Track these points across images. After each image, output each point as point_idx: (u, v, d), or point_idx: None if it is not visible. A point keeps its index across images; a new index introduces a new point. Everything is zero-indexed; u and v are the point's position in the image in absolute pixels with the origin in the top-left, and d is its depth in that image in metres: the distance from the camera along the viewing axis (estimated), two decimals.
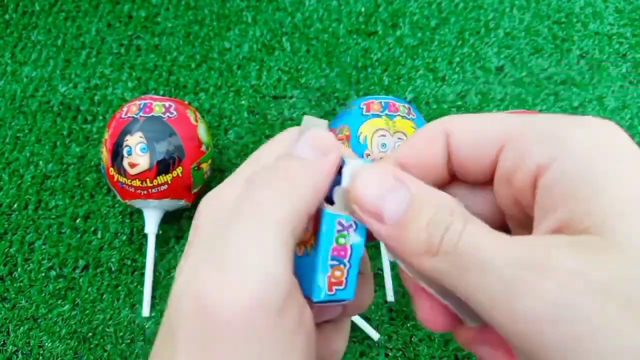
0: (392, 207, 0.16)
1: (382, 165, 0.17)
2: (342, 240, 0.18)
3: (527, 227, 0.16)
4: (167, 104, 0.38)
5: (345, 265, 0.18)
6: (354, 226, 0.18)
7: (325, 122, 0.19)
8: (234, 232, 0.15)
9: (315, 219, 0.18)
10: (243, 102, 0.48)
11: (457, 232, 0.14)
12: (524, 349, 0.13)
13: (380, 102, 0.38)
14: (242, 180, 0.17)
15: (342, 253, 0.18)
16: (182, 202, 0.39)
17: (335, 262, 0.18)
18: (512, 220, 0.17)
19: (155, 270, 0.40)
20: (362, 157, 0.36)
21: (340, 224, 0.18)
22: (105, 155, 0.38)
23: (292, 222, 0.15)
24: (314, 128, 0.18)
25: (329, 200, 0.18)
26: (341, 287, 0.18)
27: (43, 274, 0.41)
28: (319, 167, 0.17)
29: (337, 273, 0.18)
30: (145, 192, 0.37)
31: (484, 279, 0.13)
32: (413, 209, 0.15)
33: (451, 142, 0.17)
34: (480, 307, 0.14)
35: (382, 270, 0.39)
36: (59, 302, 0.40)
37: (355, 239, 0.18)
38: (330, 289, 0.18)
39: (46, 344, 0.38)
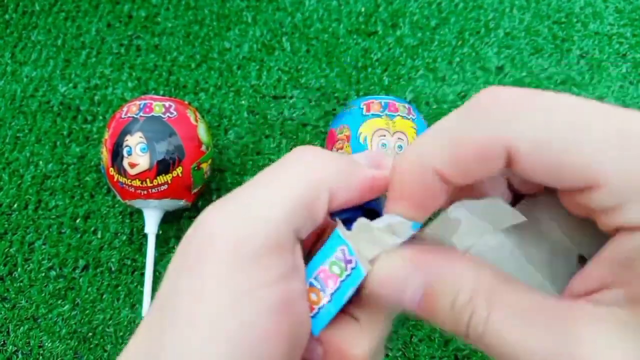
0: (410, 296, 0.15)
1: (402, 252, 0.16)
2: (334, 269, 0.16)
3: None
4: (167, 104, 0.38)
5: (323, 294, 0.16)
6: (353, 264, 0.16)
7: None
8: (248, 187, 0.16)
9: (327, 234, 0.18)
10: (243, 102, 0.48)
11: (481, 322, 0.14)
12: None
13: (380, 102, 0.38)
14: None
15: (328, 282, 0.16)
16: (182, 202, 0.39)
17: (316, 284, 0.16)
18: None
19: (155, 270, 0.40)
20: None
21: (342, 251, 0.16)
22: (105, 155, 0.38)
23: (305, 197, 0.15)
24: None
25: (348, 222, 0.17)
26: (309, 313, 0.16)
27: (43, 274, 0.41)
28: (362, 171, 0.17)
29: (313, 296, 0.16)
30: (145, 192, 0.37)
31: None
32: (430, 296, 0.15)
33: (515, 164, 0.13)
34: None
35: None
36: (59, 302, 0.40)
37: (348, 278, 0.16)
38: None
39: (46, 344, 0.38)
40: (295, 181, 0.16)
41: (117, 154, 0.37)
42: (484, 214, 0.16)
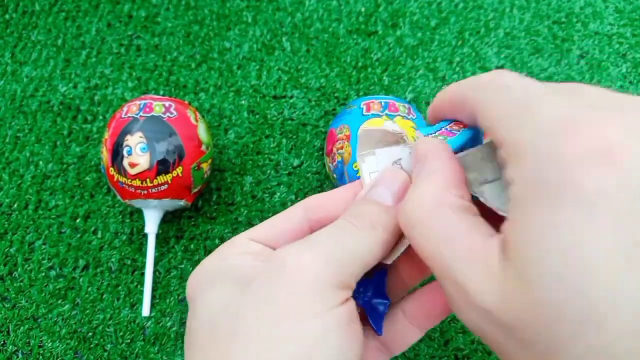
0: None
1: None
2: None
3: None
4: (167, 103, 0.38)
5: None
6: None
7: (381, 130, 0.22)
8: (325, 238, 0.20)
9: None
10: (243, 102, 0.48)
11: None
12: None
13: (380, 102, 0.38)
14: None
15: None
16: (182, 202, 0.39)
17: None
18: None
19: (155, 270, 0.40)
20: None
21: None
22: (105, 155, 0.38)
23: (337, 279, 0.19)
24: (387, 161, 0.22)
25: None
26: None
27: (43, 274, 0.41)
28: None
29: None
30: (145, 192, 0.37)
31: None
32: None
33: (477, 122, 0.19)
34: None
35: None
36: (59, 301, 0.40)
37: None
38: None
39: (46, 343, 0.38)
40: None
41: (117, 154, 0.37)
42: (480, 160, 0.19)
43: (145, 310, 0.38)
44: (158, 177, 0.37)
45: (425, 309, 0.22)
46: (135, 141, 0.36)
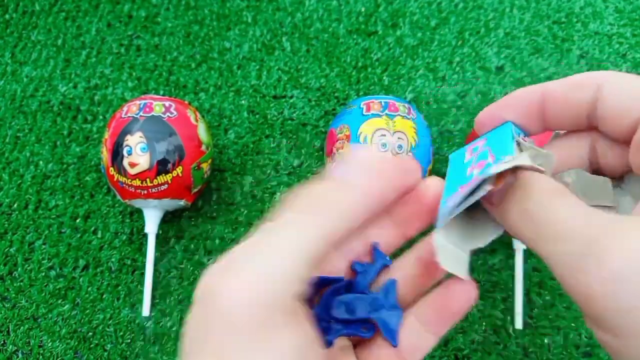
0: None
1: None
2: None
3: None
4: (167, 103, 0.38)
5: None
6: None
7: None
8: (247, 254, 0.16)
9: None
10: (243, 102, 0.48)
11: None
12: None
13: (381, 102, 0.38)
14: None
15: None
16: (182, 202, 0.39)
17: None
18: None
19: (155, 270, 0.40)
20: None
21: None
22: (105, 155, 0.38)
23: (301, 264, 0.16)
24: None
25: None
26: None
27: (43, 274, 0.41)
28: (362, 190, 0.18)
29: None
30: (145, 191, 0.37)
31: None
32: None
33: (600, 98, 0.18)
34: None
35: None
36: (59, 301, 0.40)
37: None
38: None
39: (46, 343, 0.38)
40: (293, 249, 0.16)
41: (117, 154, 0.37)
42: (587, 185, 0.19)
43: (145, 310, 0.38)
44: (158, 177, 0.37)
45: (440, 311, 0.20)
46: (135, 141, 0.36)
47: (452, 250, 0.19)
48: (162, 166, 0.37)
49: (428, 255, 0.21)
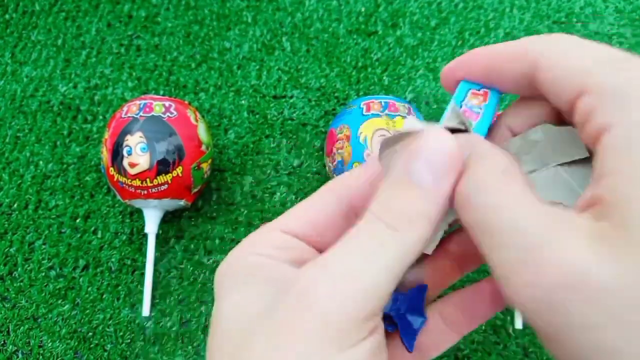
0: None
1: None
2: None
3: None
4: (167, 103, 0.38)
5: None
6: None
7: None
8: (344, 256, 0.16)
9: None
10: (243, 102, 0.48)
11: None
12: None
13: (381, 102, 0.38)
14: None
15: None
16: (182, 202, 0.39)
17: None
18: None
19: (155, 270, 0.40)
20: (362, 159, 0.36)
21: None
22: (105, 155, 0.38)
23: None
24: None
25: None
26: None
27: (43, 274, 0.41)
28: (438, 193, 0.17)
29: None
30: (145, 192, 0.37)
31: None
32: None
33: (537, 71, 0.17)
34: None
35: None
36: (59, 301, 0.40)
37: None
38: None
39: (46, 343, 0.38)
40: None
41: (117, 154, 0.37)
42: (556, 140, 0.18)
43: (145, 310, 0.38)
44: (158, 177, 0.37)
45: (468, 312, 0.20)
46: (135, 141, 0.36)
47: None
48: (162, 166, 0.37)
49: (458, 249, 0.21)
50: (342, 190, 0.19)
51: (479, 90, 0.19)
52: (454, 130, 0.17)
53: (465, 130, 0.18)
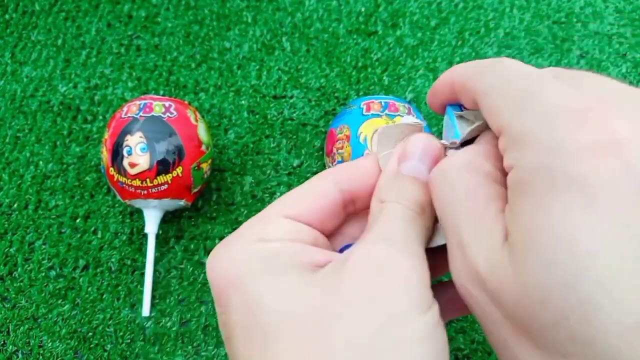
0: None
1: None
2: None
3: None
4: (167, 103, 0.38)
5: None
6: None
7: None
8: None
9: None
10: (243, 102, 0.48)
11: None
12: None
13: (381, 102, 0.38)
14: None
15: None
16: (182, 202, 0.39)
17: None
18: None
19: (155, 270, 0.40)
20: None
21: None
22: (105, 155, 0.38)
23: None
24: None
25: None
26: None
27: (43, 274, 0.41)
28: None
29: None
30: (145, 192, 0.37)
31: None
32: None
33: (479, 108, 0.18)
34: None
35: None
36: (59, 302, 0.40)
37: None
38: None
39: (46, 343, 0.38)
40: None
41: (117, 154, 0.37)
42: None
43: (145, 310, 0.38)
44: (158, 177, 0.37)
45: (458, 302, 0.21)
46: (135, 141, 0.36)
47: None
48: (162, 166, 0.37)
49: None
50: (344, 180, 0.20)
51: (459, 111, 0.21)
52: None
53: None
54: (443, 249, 0.22)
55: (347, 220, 0.21)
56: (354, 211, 0.21)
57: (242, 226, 0.19)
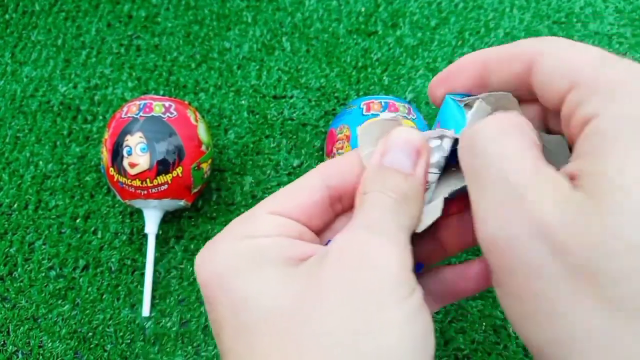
0: None
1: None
2: None
3: None
4: (167, 104, 0.38)
5: None
6: None
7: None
8: None
9: None
10: (243, 102, 0.48)
11: None
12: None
13: (381, 102, 0.38)
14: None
15: None
16: (182, 202, 0.39)
17: None
18: None
19: (155, 270, 0.40)
20: None
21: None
22: (105, 155, 0.38)
23: None
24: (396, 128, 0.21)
25: None
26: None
27: (43, 274, 0.41)
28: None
29: None
30: (145, 192, 0.37)
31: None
32: None
33: (533, 71, 0.18)
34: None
35: None
36: (59, 302, 0.40)
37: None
38: None
39: (46, 344, 0.38)
40: None
41: (117, 154, 0.37)
42: (545, 149, 0.19)
43: (145, 310, 0.38)
44: (158, 177, 0.37)
45: (452, 288, 0.21)
46: (135, 141, 0.36)
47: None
48: (162, 166, 0.37)
49: (443, 234, 0.22)
50: (330, 175, 0.20)
51: (462, 98, 0.21)
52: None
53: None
54: (440, 237, 0.22)
55: (336, 219, 0.21)
56: (341, 210, 0.21)
57: (229, 224, 0.20)
